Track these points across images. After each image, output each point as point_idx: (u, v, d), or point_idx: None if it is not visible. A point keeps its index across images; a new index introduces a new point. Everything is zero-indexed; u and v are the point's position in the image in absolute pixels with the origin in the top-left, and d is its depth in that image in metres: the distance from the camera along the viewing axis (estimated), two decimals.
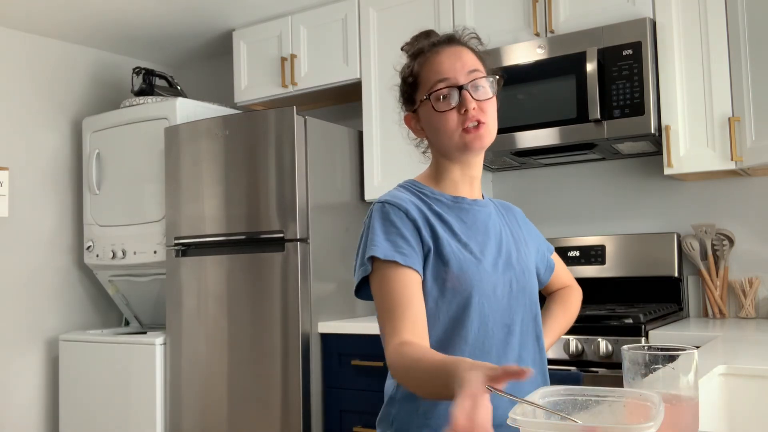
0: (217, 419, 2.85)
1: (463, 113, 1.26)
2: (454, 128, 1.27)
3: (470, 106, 1.25)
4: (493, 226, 1.33)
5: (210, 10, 3.30)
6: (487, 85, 1.29)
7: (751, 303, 2.45)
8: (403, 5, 2.93)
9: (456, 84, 1.27)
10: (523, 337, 1.28)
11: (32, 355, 3.45)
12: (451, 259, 1.22)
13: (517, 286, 1.28)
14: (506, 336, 1.25)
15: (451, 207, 1.31)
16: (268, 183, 2.78)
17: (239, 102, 3.43)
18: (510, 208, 1.45)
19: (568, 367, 2.18)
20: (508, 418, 0.77)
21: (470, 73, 1.28)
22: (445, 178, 1.34)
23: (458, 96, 1.26)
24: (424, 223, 1.25)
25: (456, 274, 1.22)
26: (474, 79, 1.27)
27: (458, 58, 1.29)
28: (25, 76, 3.49)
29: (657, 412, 0.74)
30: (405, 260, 1.20)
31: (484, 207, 1.35)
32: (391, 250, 1.20)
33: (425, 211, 1.27)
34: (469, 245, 1.26)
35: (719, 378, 1.36)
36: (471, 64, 1.29)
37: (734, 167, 2.28)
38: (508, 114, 2.57)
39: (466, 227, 1.29)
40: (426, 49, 1.33)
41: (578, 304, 1.54)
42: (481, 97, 1.28)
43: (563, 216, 2.90)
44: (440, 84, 1.28)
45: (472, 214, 1.31)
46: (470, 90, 1.27)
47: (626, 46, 2.36)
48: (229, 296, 2.86)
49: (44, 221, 3.53)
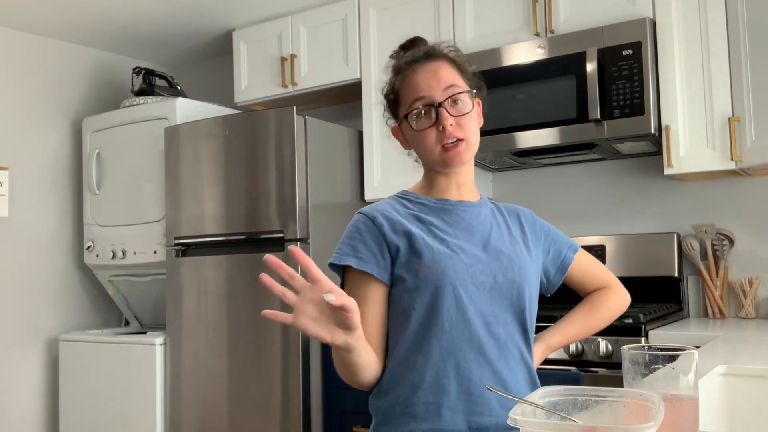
0: (217, 419, 2.85)
1: (441, 131, 1.27)
2: (433, 145, 1.29)
3: (447, 124, 1.27)
4: (481, 225, 1.34)
5: (210, 10, 3.30)
6: (467, 99, 1.30)
7: (751, 303, 2.46)
8: (403, 5, 2.93)
9: (432, 102, 1.28)
10: (508, 328, 1.28)
11: (32, 355, 3.45)
12: (424, 251, 1.25)
13: (502, 278, 1.28)
14: (488, 326, 1.26)
15: (434, 209, 1.33)
16: (268, 183, 2.78)
17: (239, 102, 3.43)
18: (515, 211, 1.44)
19: (568, 367, 2.18)
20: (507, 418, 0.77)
21: (447, 89, 1.28)
22: (434, 186, 1.37)
23: (435, 114, 1.28)
24: (396, 225, 1.28)
25: (427, 265, 1.24)
26: (451, 96, 1.28)
27: (434, 75, 1.29)
28: (25, 76, 3.50)
29: (657, 412, 0.74)
30: (359, 264, 1.26)
31: (471, 207, 1.35)
32: (349, 255, 1.27)
33: (401, 215, 1.30)
34: (447, 240, 1.28)
35: (719, 378, 1.36)
36: (447, 79, 1.29)
37: (734, 167, 2.28)
38: (508, 114, 2.57)
39: (447, 225, 1.31)
40: (403, 67, 1.34)
41: (614, 306, 1.48)
42: (459, 113, 1.29)
43: (563, 216, 2.90)
44: (417, 103, 1.29)
45: (456, 214, 1.33)
46: (447, 107, 1.28)
47: (626, 46, 2.36)
48: (229, 296, 2.86)
49: (44, 221, 3.53)
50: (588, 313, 1.46)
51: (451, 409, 1.22)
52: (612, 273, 1.53)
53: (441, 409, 1.22)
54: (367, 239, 1.28)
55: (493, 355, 1.25)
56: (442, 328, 1.24)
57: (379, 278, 1.27)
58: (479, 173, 2.96)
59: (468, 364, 1.23)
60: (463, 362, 1.23)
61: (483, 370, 1.24)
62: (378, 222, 1.28)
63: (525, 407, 0.80)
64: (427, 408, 1.23)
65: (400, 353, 1.26)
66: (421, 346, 1.24)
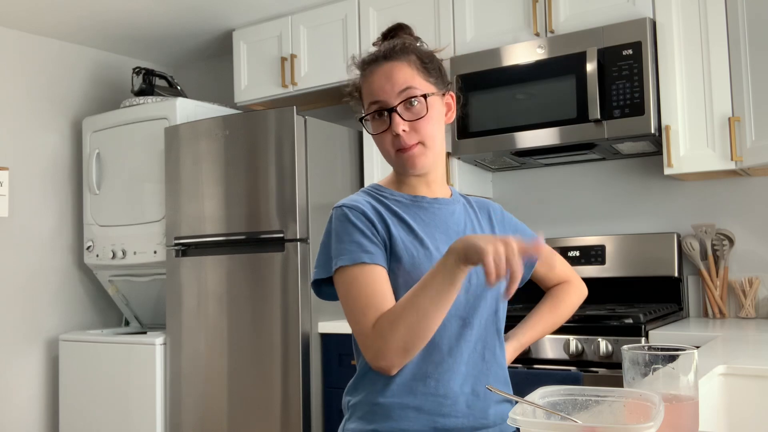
0: (217, 419, 2.85)
1: (396, 136, 1.25)
2: (389, 149, 1.28)
3: (399, 129, 1.24)
4: (455, 223, 1.33)
5: (210, 10, 3.30)
6: (424, 102, 1.25)
7: (751, 303, 2.45)
8: (403, 5, 2.93)
9: (386, 106, 1.25)
10: (482, 330, 1.28)
11: (32, 355, 3.45)
12: (403, 255, 1.24)
13: (476, 281, 1.26)
14: (461, 329, 1.25)
15: (410, 206, 1.32)
16: (268, 183, 2.78)
17: (239, 102, 3.43)
18: (485, 206, 1.42)
19: (568, 367, 2.18)
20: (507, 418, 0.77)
21: (402, 93, 1.25)
22: (404, 182, 1.34)
23: (390, 118, 1.25)
24: (380, 222, 1.26)
25: (407, 269, 1.23)
26: (404, 100, 1.25)
27: (388, 78, 1.26)
28: (26, 76, 3.50)
29: (657, 412, 0.74)
30: (371, 258, 1.22)
31: (446, 205, 1.34)
32: (358, 252, 1.21)
33: (382, 211, 1.28)
34: (425, 241, 1.27)
35: (719, 378, 1.36)
36: (402, 81, 1.25)
37: (734, 167, 2.28)
38: (508, 114, 2.57)
39: (424, 224, 1.30)
40: (362, 66, 1.32)
41: (574, 299, 1.50)
42: (414, 116, 1.25)
43: (563, 216, 2.90)
44: (373, 106, 1.27)
45: (431, 212, 1.32)
46: (400, 111, 1.24)
47: (626, 46, 2.36)
48: (229, 296, 2.86)
49: (44, 221, 3.53)
50: (552, 309, 1.47)
51: (417, 410, 1.22)
52: (570, 266, 1.54)
53: (407, 410, 1.23)
54: (367, 232, 1.24)
55: (465, 357, 1.25)
56: None
57: (385, 267, 1.24)
58: (479, 173, 2.96)
59: (438, 366, 1.23)
60: (433, 364, 1.23)
61: (453, 372, 1.24)
62: (368, 216, 1.26)
63: (525, 407, 0.80)
64: (393, 407, 1.23)
65: None
66: None
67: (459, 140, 2.68)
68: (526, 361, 2.24)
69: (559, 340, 2.19)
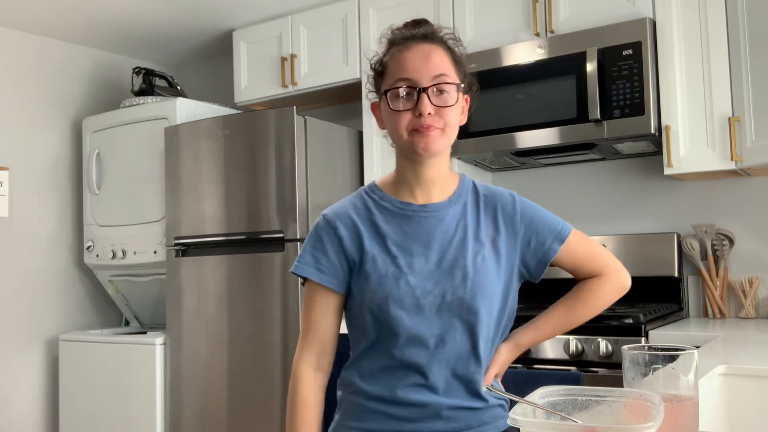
0: (217, 419, 2.85)
1: (418, 116, 1.23)
2: (404, 128, 1.25)
3: (425, 111, 1.22)
4: (442, 232, 1.28)
5: (210, 10, 3.30)
6: (453, 92, 1.25)
7: (751, 303, 2.45)
8: (403, 5, 2.93)
9: (417, 85, 1.23)
10: (457, 348, 1.25)
11: (32, 355, 3.45)
12: (372, 273, 1.25)
13: (451, 297, 1.23)
14: (436, 347, 1.24)
15: (395, 215, 1.30)
16: (268, 183, 2.78)
17: (239, 102, 3.43)
18: (492, 202, 1.34)
19: (568, 367, 2.18)
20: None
21: (435, 77, 1.23)
22: (402, 180, 1.33)
23: (417, 98, 1.23)
24: (353, 238, 1.28)
25: (372, 288, 1.25)
26: (437, 84, 1.23)
27: (426, 58, 1.24)
28: (26, 76, 3.49)
29: (657, 412, 0.74)
30: (320, 278, 1.29)
31: (435, 212, 1.29)
32: (311, 267, 1.30)
33: (359, 225, 1.29)
34: (398, 259, 1.25)
35: (719, 378, 1.36)
36: (439, 67, 1.24)
37: (734, 167, 2.28)
38: (508, 114, 2.57)
39: (404, 236, 1.28)
40: (397, 41, 1.29)
41: (602, 296, 1.37)
42: (442, 104, 1.24)
43: (563, 216, 2.86)
44: (401, 82, 1.24)
45: (415, 222, 1.29)
46: (430, 95, 1.23)
47: (626, 46, 2.36)
48: (229, 296, 2.86)
49: (44, 221, 3.53)
50: (568, 310, 1.37)
51: (386, 414, 1.26)
52: (610, 254, 1.42)
53: (376, 413, 1.27)
54: (329, 250, 1.29)
55: (432, 374, 1.24)
56: (386, 345, 1.26)
57: (337, 290, 1.30)
58: (479, 173, 2.96)
59: (403, 381, 1.25)
60: (399, 380, 1.26)
61: (420, 388, 1.25)
62: (339, 234, 1.28)
63: (525, 407, 0.80)
64: (364, 409, 1.28)
65: (355, 354, 1.34)
66: (368, 355, 1.30)
67: (459, 140, 2.67)
68: (526, 361, 2.24)
69: (559, 340, 2.19)
